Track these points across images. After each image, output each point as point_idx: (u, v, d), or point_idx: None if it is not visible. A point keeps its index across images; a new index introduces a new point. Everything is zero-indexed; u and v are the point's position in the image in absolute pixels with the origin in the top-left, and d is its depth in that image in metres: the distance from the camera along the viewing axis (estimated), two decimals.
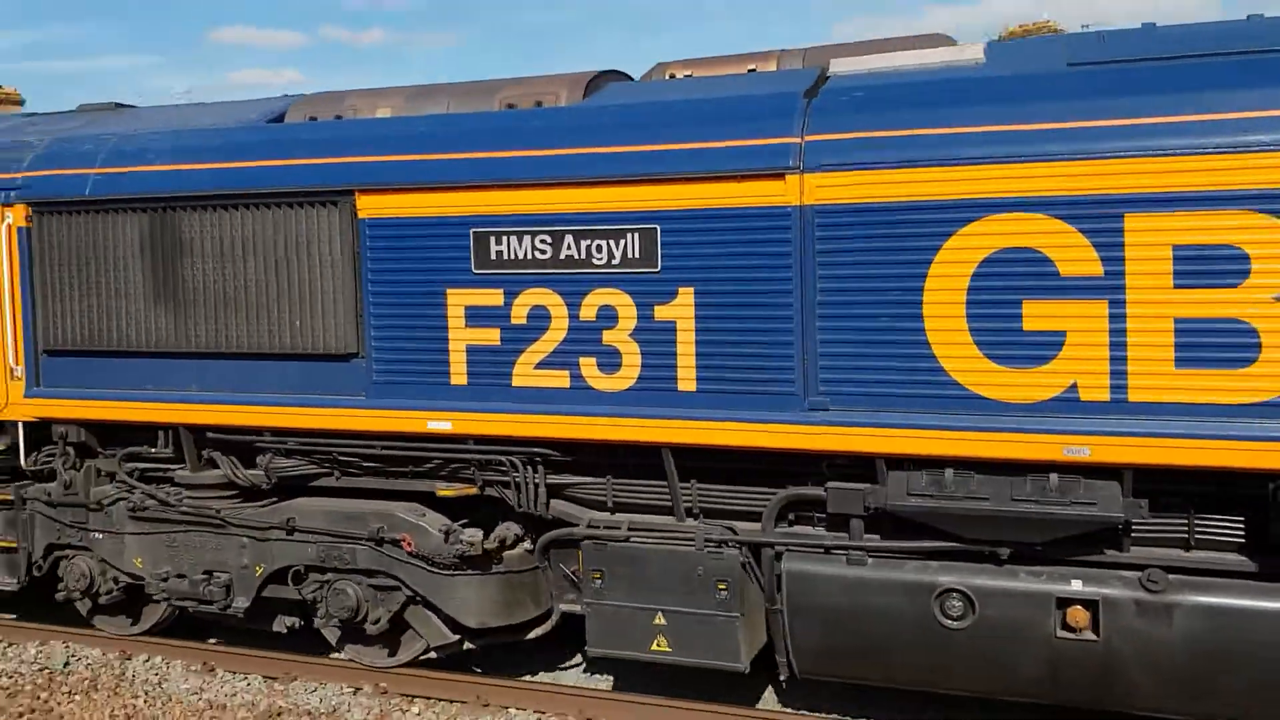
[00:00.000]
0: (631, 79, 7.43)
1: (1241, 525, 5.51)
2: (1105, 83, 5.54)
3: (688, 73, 7.14)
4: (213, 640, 8.38)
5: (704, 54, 7.28)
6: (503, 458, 6.70)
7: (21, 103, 34.16)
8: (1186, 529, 5.64)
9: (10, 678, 7.71)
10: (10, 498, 8.15)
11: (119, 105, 8.98)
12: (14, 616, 8.75)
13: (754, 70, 6.92)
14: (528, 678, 7.62)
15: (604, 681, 7.56)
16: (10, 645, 8.29)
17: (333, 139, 7.00)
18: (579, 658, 7.75)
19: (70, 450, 7.92)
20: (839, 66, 6.45)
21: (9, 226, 7.74)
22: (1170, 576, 5.54)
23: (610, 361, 6.29)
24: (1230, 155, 5.14)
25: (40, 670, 7.83)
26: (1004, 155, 5.47)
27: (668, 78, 7.16)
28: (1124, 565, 5.66)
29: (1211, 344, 5.22)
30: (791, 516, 6.38)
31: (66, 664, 7.93)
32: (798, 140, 5.87)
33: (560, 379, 6.40)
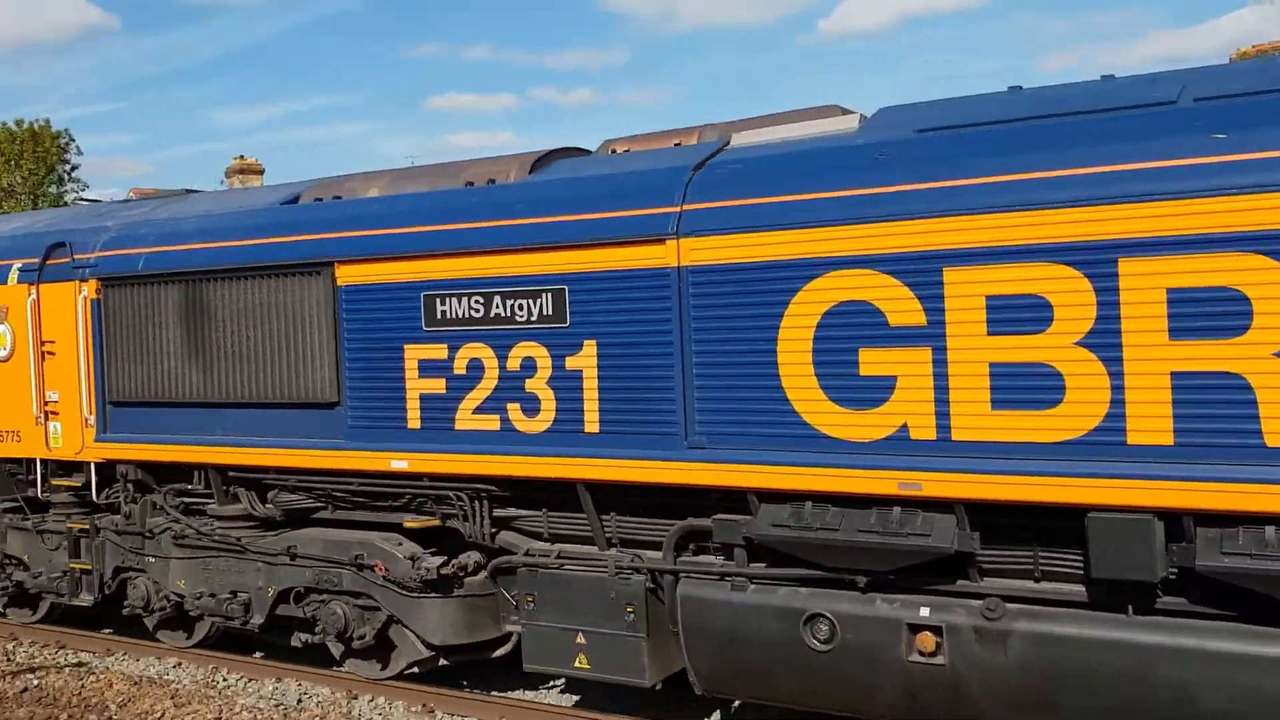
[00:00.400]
0: (587, 152, 8.32)
1: (1080, 558, 5.81)
2: (937, 148, 6.06)
3: (626, 148, 7.97)
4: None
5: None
6: (450, 493, 7.61)
7: (261, 172, 37.62)
8: (1032, 561, 5.98)
9: (250, 712, 8.28)
10: (86, 526, 9.63)
11: (189, 191, 10.52)
12: (260, 655, 9.49)
13: (678, 144, 7.68)
14: None
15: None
16: (250, 680, 8.96)
17: (320, 219, 8.18)
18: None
19: (130, 486, 9.33)
20: (738, 139, 7.16)
21: (84, 298, 9.28)
22: (1009, 605, 5.89)
23: (532, 406, 7.13)
24: (1033, 212, 5.58)
25: (276, 706, 8.36)
26: (838, 218, 6.06)
27: (610, 152, 8.02)
28: (981, 595, 6.03)
29: (1022, 387, 5.63)
30: (692, 546, 7.01)
31: (299, 701, 8.44)
32: (677, 209, 6.61)
33: (492, 422, 7.28)
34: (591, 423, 6.92)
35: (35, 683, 9.11)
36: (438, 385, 7.49)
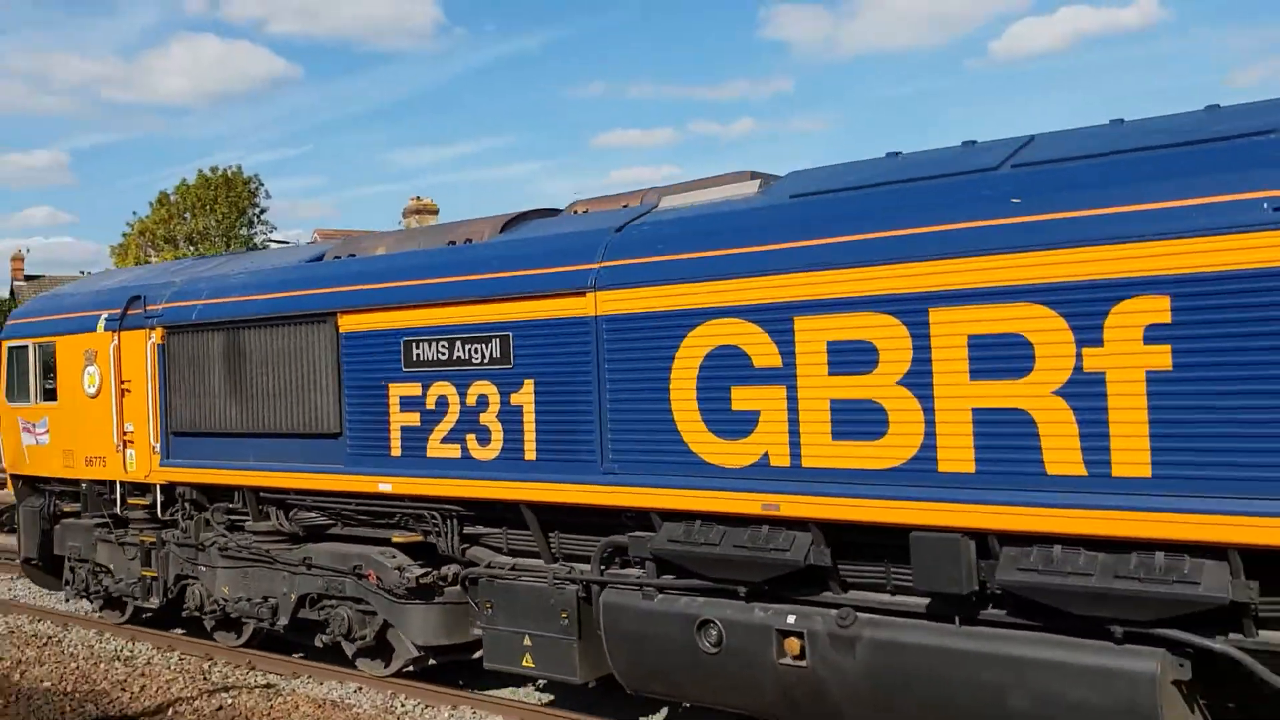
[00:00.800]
0: (558, 212, 9.44)
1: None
2: (799, 212, 6.95)
3: (585, 208, 9.07)
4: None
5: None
6: (426, 512, 8.79)
7: (435, 212, 39.48)
8: (885, 575, 6.74)
9: None
10: (154, 540, 11.22)
11: (251, 248, 12.09)
12: (433, 687, 9.53)
13: (625, 206, 8.72)
14: None
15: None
16: (428, 707, 9.12)
17: (327, 276, 9.54)
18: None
19: (187, 505, 10.86)
20: (664, 203, 8.17)
21: (153, 344, 10.90)
22: (860, 615, 6.66)
23: (485, 437, 8.25)
24: (862, 269, 6.41)
25: None
26: (713, 274, 7.00)
27: (573, 212, 9.13)
28: (840, 605, 6.81)
29: (855, 420, 6.44)
30: (619, 560, 7.97)
31: None
32: (596, 266, 7.66)
33: (455, 450, 8.44)
34: (530, 451, 8.00)
35: (229, 701, 9.48)
36: (414, 418, 8.70)
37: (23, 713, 9.49)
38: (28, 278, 61.06)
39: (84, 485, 12.01)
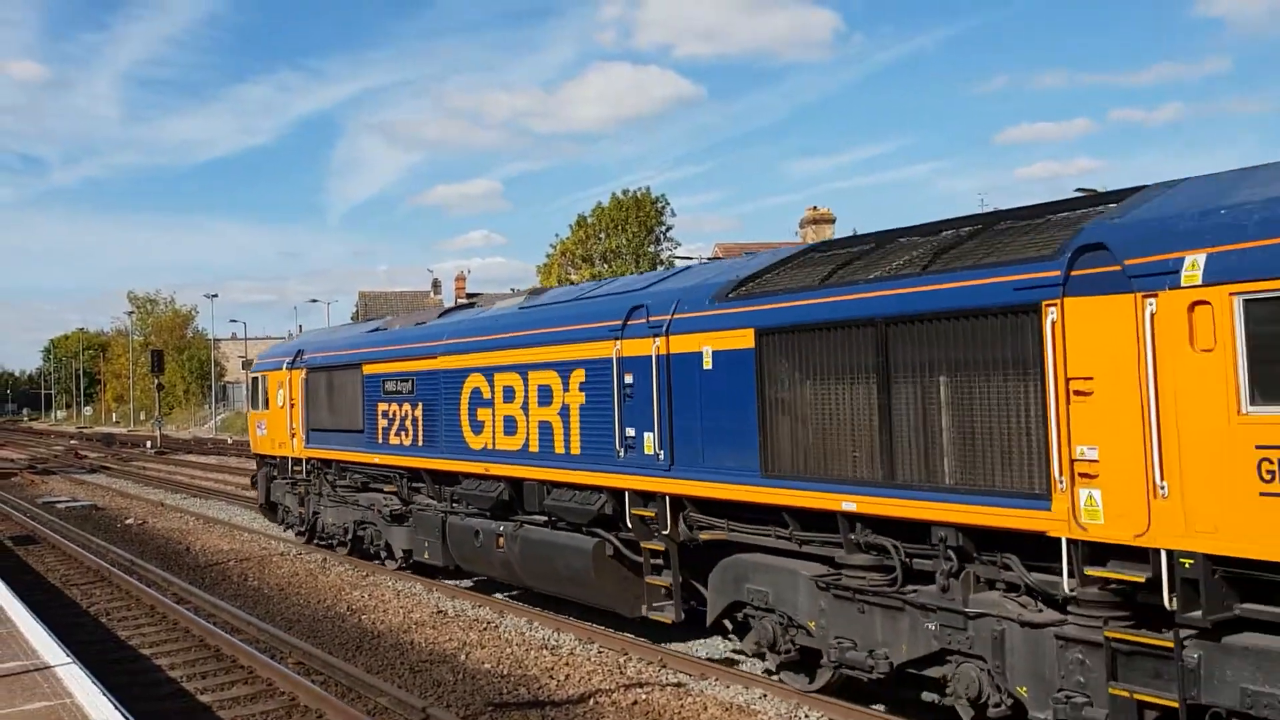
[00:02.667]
0: (474, 303, 16.46)
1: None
2: (495, 323, 13.58)
3: (481, 305, 16.02)
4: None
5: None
6: (393, 474, 16.15)
7: (832, 221, 43.60)
8: (536, 504, 13.23)
9: None
10: (303, 490, 19.43)
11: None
12: (882, 708, 9.36)
13: (493, 304, 15.59)
14: None
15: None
16: None
17: (362, 342, 17.18)
18: None
19: (314, 471, 18.97)
20: (481, 302, 15.00)
21: (301, 379, 19.06)
22: (522, 523, 13.16)
23: (409, 433, 15.45)
24: (515, 350, 12.98)
25: None
26: (471, 349, 13.79)
27: (476, 307, 16.12)
28: (521, 521, 13.33)
29: (509, 426, 13.01)
30: (452, 498, 14.89)
31: None
32: (444, 342, 14.63)
33: (401, 440, 15.69)
34: (422, 440, 15.10)
35: (643, 698, 9.91)
36: (385, 423, 16.07)
37: (468, 690, 10.49)
38: (469, 295, 65.09)
39: (278, 459, 20.51)
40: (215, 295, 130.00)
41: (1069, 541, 6.99)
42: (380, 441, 16.26)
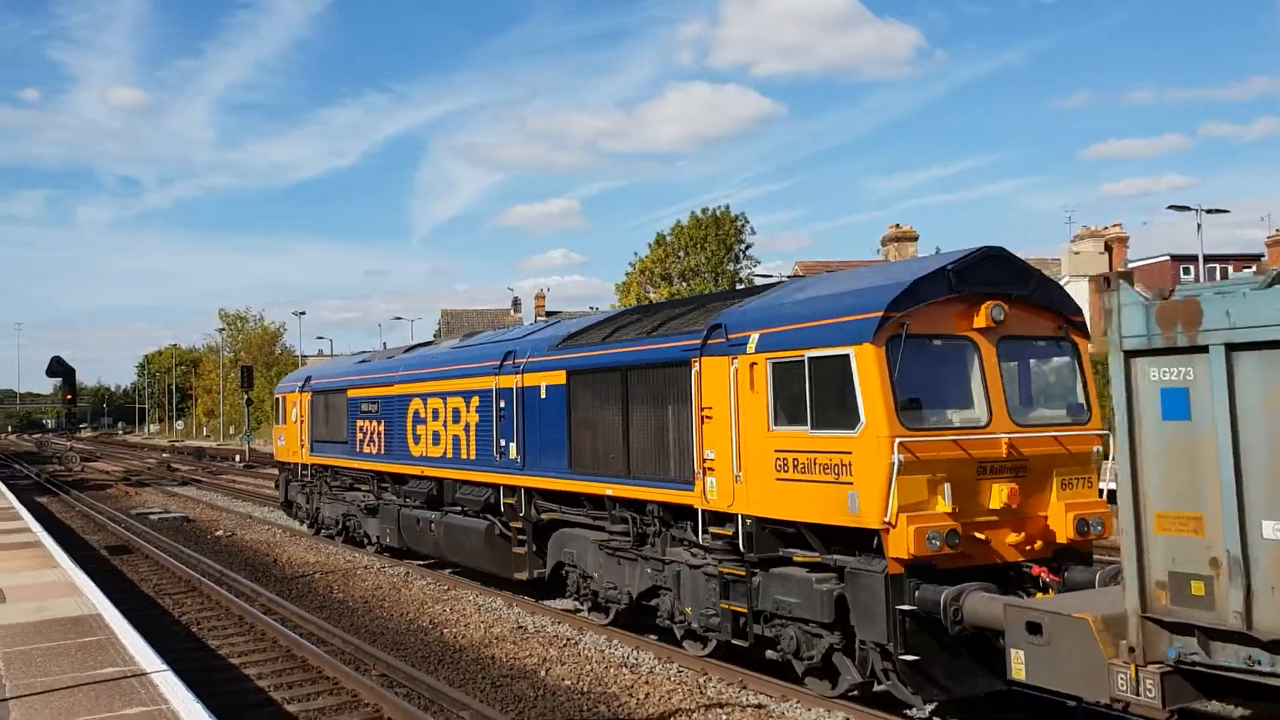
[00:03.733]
0: (433, 342, 20.86)
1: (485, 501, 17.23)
2: (424, 359, 17.92)
3: (440, 343, 20.41)
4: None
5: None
6: (366, 476, 20.59)
7: (915, 239, 48.23)
8: (453, 499, 17.52)
9: None
10: (307, 490, 24.03)
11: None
12: None
13: (427, 343, 19.96)
14: None
15: None
16: None
17: (349, 371, 21.71)
18: None
19: (315, 474, 23.56)
20: (443, 344, 19.38)
21: (306, 399, 23.65)
22: (444, 511, 17.44)
23: (373, 443, 19.87)
24: (424, 382, 17.31)
25: None
26: (410, 380, 18.18)
27: (438, 345, 20.51)
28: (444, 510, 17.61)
29: (433, 437, 17.32)
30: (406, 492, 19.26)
31: None
32: (401, 372, 19.05)
33: (371, 449, 20.12)
34: (382, 449, 19.48)
35: (724, 717, 9.84)
36: (361, 435, 20.50)
37: (549, 706, 10.45)
38: (548, 313, 67.18)
39: (292, 465, 25.13)
40: (303, 313, 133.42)
41: (702, 511, 11.05)
42: (358, 450, 20.69)
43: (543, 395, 14.19)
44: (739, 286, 45.91)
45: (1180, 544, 6.82)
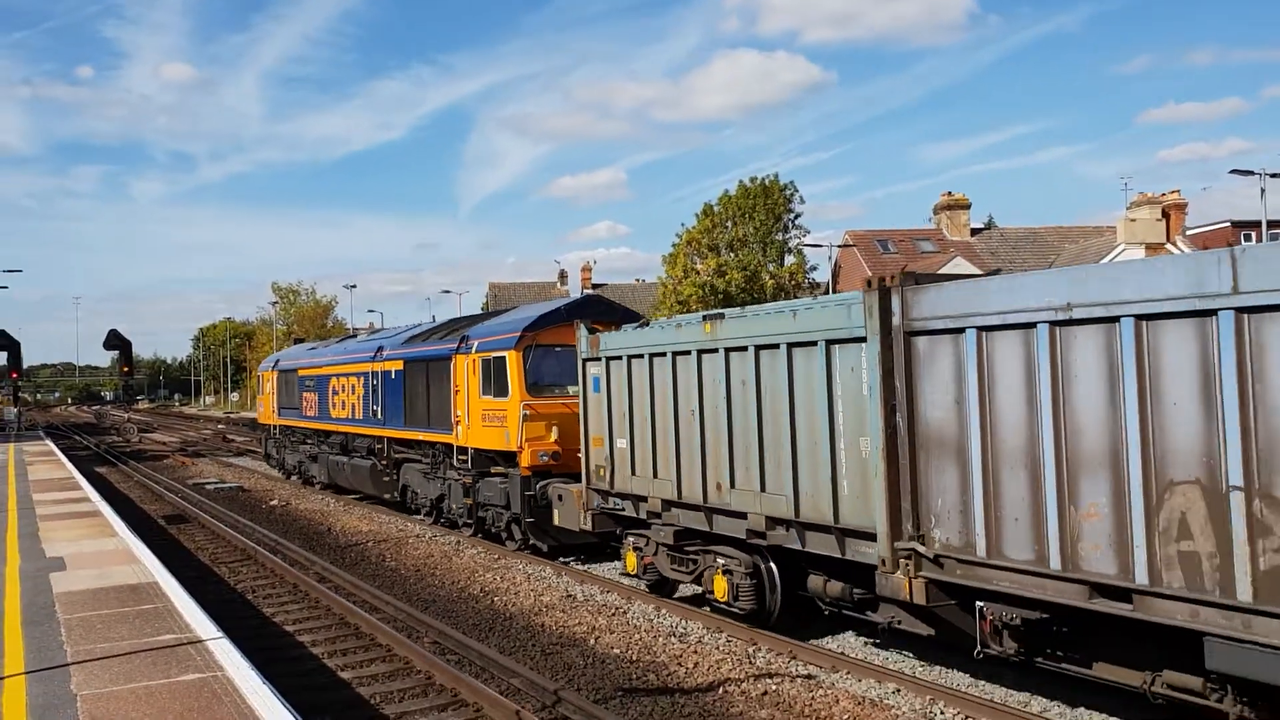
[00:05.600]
0: (378, 331, 28.56)
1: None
2: (343, 348, 25.61)
3: (362, 331, 28.12)
4: None
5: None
6: (309, 434, 28.42)
7: (967, 207, 53.43)
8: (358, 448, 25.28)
9: None
10: (278, 445, 32.03)
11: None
12: (1023, 701, 9.37)
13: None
14: None
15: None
16: (967, 718, 9.03)
17: (300, 355, 29.58)
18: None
19: (279, 433, 31.52)
20: (361, 336, 27.11)
21: (276, 376, 31.55)
22: (350, 455, 25.16)
23: (320, 408, 27.66)
24: (345, 364, 25.01)
25: None
26: (348, 362, 25.93)
27: (356, 335, 28.23)
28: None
29: (349, 404, 25.04)
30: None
31: None
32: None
33: (313, 413, 27.90)
34: (316, 413, 27.26)
35: (773, 688, 9.83)
36: (305, 404, 28.29)
37: (598, 674, 10.61)
38: (594, 286, 66.59)
39: (268, 426, 33.10)
40: (354, 286, 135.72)
41: (455, 446, 18.67)
42: (304, 414, 28.46)
43: (392, 377, 21.80)
44: (787, 258, 48.88)
45: (597, 451, 14.28)
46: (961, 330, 8.51)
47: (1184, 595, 7.00)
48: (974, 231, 54.76)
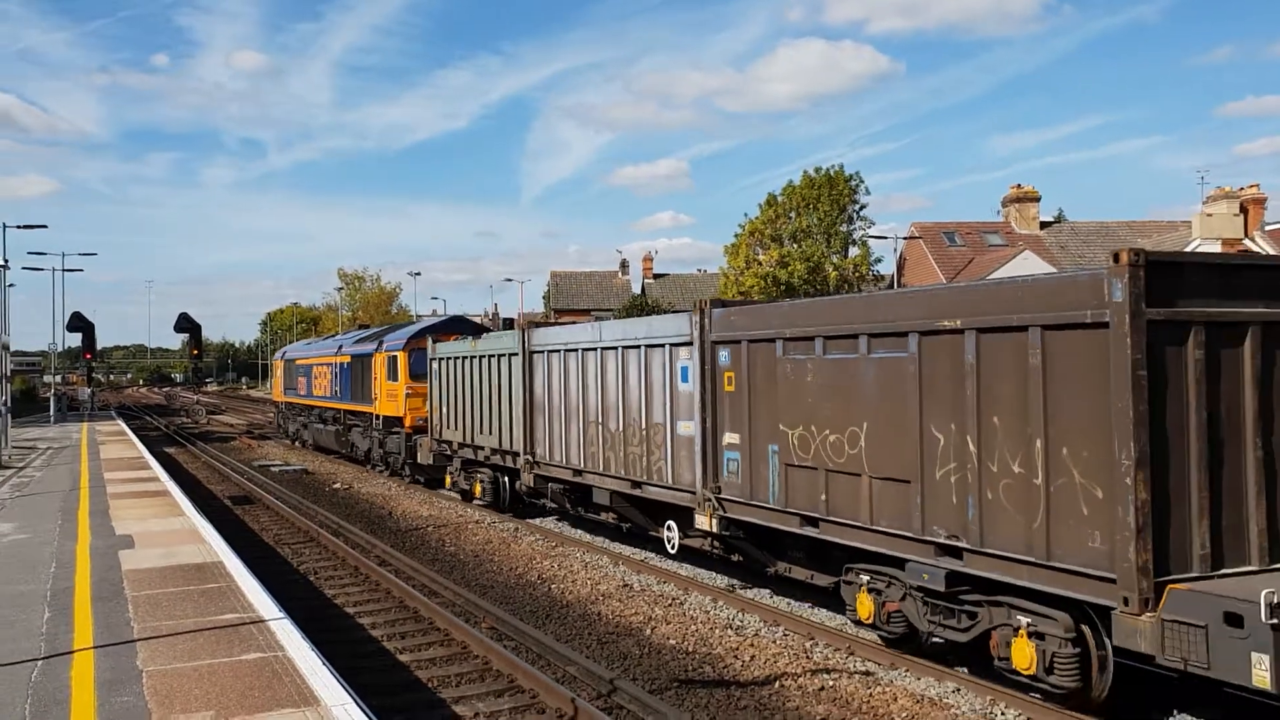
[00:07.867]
0: (367, 328, 35.45)
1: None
2: (332, 342, 32.79)
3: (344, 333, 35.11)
4: None
5: None
6: (305, 408, 36.58)
7: (1037, 199, 49.86)
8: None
9: None
10: (285, 417, 39.39)
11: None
12: (1041, 703, 8.96)
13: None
14: None
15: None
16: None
17: (300, 347, 39.62)
18: None
19: (288, 409, 38.86)
20: (347, 333, 34.18)
21: (285, 366, 39.52)
22: (327, 422, 32.51)
23: (320, 389, 34.97)
24: (327, 356, 32.21)
25: None
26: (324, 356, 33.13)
27: (345, 333, 35.16)
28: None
29: (323, 385, 32.16)
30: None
31: None
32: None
33: (305, 392, 36.38)
34: (309, 392, 35.63)
35: (830, 684, 9.67)
36: (301, 386, 37.06)
37: (654, 664, 10.49)
38: (655, 276, 67.77)
39: (278, 403, 41.44)
40: (418, 273, 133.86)
41: (374, 414, 27.88)
42: (299, 393, 37.46)
43: (345, 366, 30.77)
44: (851, 250, 49.19)
45: (434, 415, 22.75)
46: (543, 351, 16.94)
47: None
48: (1043, 225, 51.78)
